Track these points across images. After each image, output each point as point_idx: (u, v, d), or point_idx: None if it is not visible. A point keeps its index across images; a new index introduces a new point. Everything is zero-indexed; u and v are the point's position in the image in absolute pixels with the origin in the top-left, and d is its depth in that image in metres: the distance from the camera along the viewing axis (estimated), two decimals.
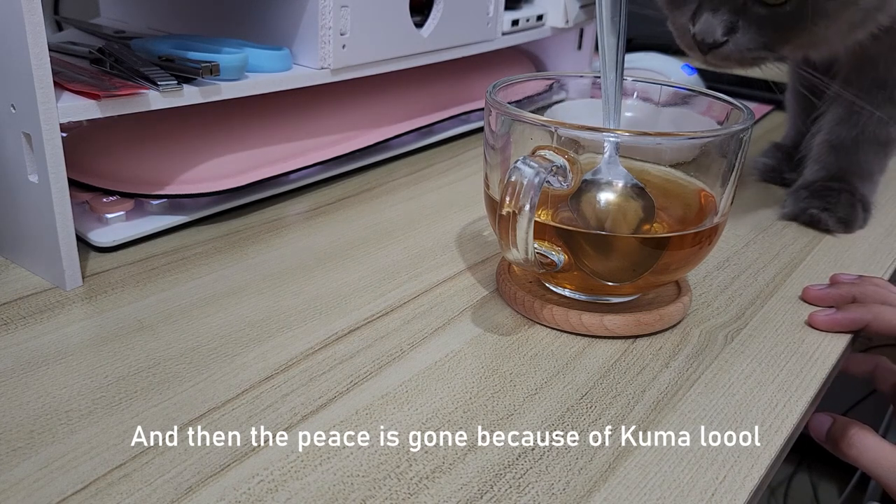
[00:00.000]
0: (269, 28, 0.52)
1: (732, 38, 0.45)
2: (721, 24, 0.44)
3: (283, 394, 0.33)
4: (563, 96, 0.47)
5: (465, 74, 0.68)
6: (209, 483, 0.28)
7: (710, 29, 0.45)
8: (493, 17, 0.64)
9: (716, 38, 0.45)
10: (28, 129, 0.38)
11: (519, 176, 0.33)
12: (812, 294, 0.44)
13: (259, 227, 0.49)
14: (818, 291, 0.43)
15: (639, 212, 0.40)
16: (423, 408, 0.33)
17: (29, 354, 0.35)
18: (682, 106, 0.44)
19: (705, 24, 0.45)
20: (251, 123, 0.52)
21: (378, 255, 0.46)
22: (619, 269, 0.39)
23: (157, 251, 0.45)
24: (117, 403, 0.32)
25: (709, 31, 0.45)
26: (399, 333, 0.38)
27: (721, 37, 0.45)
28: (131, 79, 0.43)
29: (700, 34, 0.45)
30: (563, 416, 0.33)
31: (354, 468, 0.30)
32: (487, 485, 0.29)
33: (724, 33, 0.45)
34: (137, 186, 0.47)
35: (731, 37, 0.45)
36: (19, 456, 0.29)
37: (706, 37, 0.45)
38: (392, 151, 0.61)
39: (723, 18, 0.44)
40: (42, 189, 0.39)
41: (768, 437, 0.33)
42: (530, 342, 0.38)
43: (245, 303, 0.40)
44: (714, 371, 0.37)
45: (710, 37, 0.45)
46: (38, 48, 0.36)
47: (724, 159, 0.38)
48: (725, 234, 0.51)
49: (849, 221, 0.53)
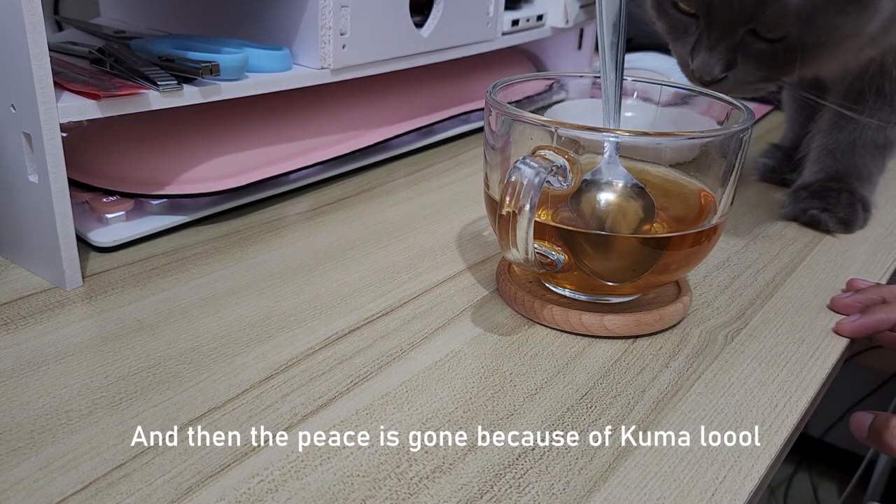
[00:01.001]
0: (269, 28, 0.52)
1: (731, 73, 0.44)
2: (719, 63, 0.44)
3: (283, 394, 0.33)
4: (563, 96, 0.47)
5: (465, 74, 0.68)
6: (209, 483, 0.28)
7: (707, 67, 0.44)
8: (493, 17, 0.64)
9: (714, 75, 0.44)
10: (28, 129, 0.38)
11: (519, 176, 0.33)
12: (841, 303, 0.43)
13: (259, 227, 0.49)
14: (847, 300, 0.43)
15: (639, 212, 0.40)
16: (423, 408, 0.33)
17: (29, 354, 0.35)
18: (682, 106, 0.44)
19: (703, 63, 0.44)
20: (251, 123, 0.52)
21: (378, 255, 0.46)
22: (619, 269, 0.39)
23: (157, 251, 0.45)
24: (117, 403, 0.32)
25: (707, 69, 0.44)
26: (399, 333, 0.38)
27: (719, 74, 0.44)
28: (131, 79, 0.43)
29: (698, 72, 0.45)
30: (563, 416, 0.33)
31: (354, 468, 0.30)
32: (487, 485, 0.29)
33: (722, 70, 0.44)
34: (137, 186, 0.47)
35: (729, 73, 0.44)
36: (19, 456, 0.29)
37: (704, 74, 0.45)
38: (392, 151, 0.61)
39: (720, 57, 0.44)
40: (42, 189, 0.39)
41: (768, 437, 0.33)
42: (530, 342, 0.38)
43: (245, 303, 0.40)
44: (714, 371, 0.37)
45: (707, 75, 0.44)
46: (38, 48, 0.36)
47: (724, 159, 0.38)
48: (725, 234, 0.51)
49: (849, 222, 0.53)
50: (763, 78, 0.45)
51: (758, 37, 0.43)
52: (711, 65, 0.44)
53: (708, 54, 0.44)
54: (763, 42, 0.43)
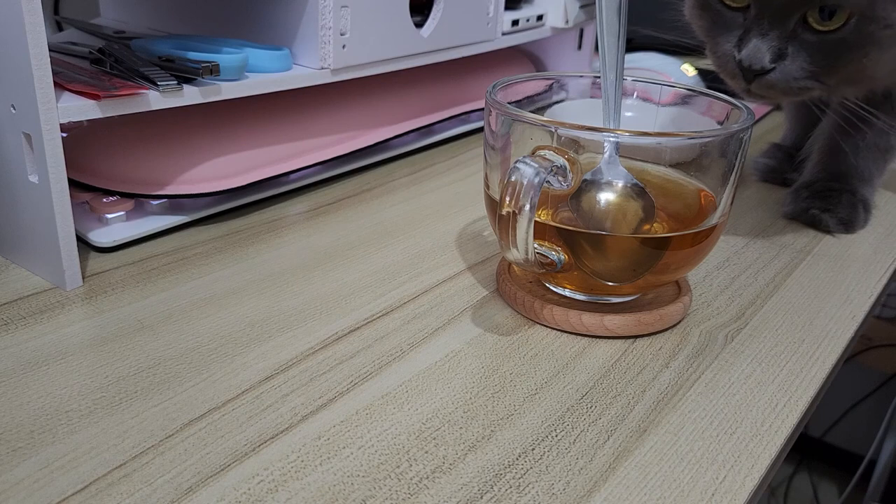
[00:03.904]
0: (269, 28, 0.52)
1: (780, 65, 0.43)
2: (770, 50, 0.43)
3: (284, 394, 0.33)
4: (563, 96, 0.47)
5: (465, 74, 0.68)
6: (209, 483, 0.28)
7: (758, 55, 0.43)
8: (493, 17, 0.64)
9: (763, 64, 0.43)
10: (28, 129, 0.38)
11: (519, 176, 0.33)
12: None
13: (259, 227, 0.49)
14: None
15: (639, 212, 0.40)
16: (423, 408, 0.33)
17: (29, 354, 0.35)
18: (682, 106, 0.44)
19: (753, 50, 0.43)
20: (251, 123, 0.52)
21: (378, 255, 0.46)
22: (619, 269, 0.39)
23: (157, 251, 0.45)
24: (117, 403, 0.32)
25: (757, 56, 0.43)
26: (399, 333, 0.38)
27: (769, 63, 0.43)
28: (131, 79, 0.43)
29: (747, 60, 0.43)
30: (563, 416, 0.33)
31: (354, 468, 0.30)
32: (487, 485, 0.29)
33: (772, 59, 0.43)
34: (137, 186, 0.47)
35: (778, 63, 0.43)
36: (19, 456, 0.29)
37: (753, 62, 0.43)
38: (392, 151, 0.61)
39: (771, 44, 0.43)
40: (42, 189, 0.39)
41: (768, 437, 0.33)
42: (530, 342, 0.38)
43: (245, 303, 0.40)
44: (714, 371, 0.37)
45: (757, 63, 0.43)
46: (38, 48, 0.36)
47: (724, 159, 0.38)
48: (725, 234, 0.51)
49: (850, 222, 0.53)
50: (811, 74, 0.43)
51: (810, 29, 0.42)
52: (762, 52, 0.43)
53: (759, 40, 0.43)
54: (815, 34, 0.42)
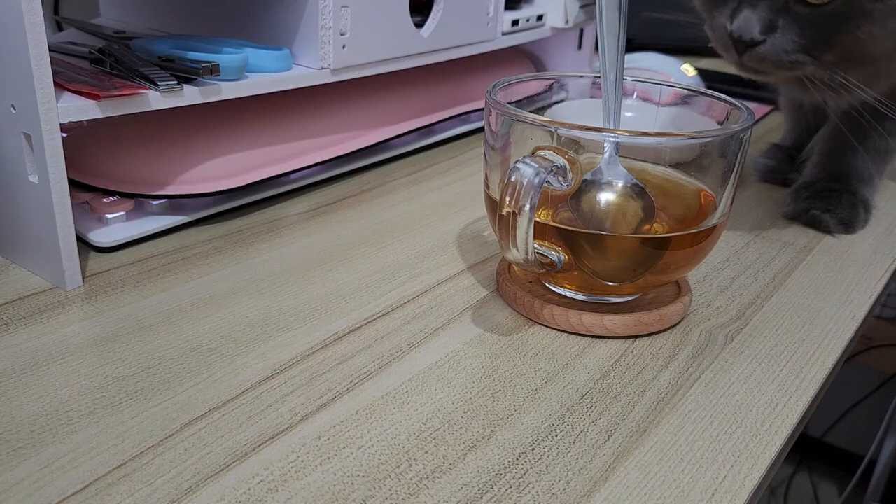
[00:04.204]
0: (269, 28, 0.52)
1: (771, 37, 0.43)
2: (760, 21, 0.43)
3: (284, 394, 0.33)
4: (563, 96, 0.47)
5: (465, 74, 0.68)
6: (209, 483, 0.28)
7: (748, 25, 0.43)
8: (493, 17, 0.64)
9: (753, 35, 0.43)
10: (28, 129, 0.38)
11: (519, 176, 0.33)
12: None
13: (259, 227, 0.49)
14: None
15: (639, 212, 0.40)
16: (423, 408, 0.33)
17: (29, 354, 0.35)
18: (682, 106, 0.44)
19: (744, 21, 0.43)
20: (251, 123, 0.52)
21: (378, 255, 0.46)
22: (619, 269, 0.39)
23: (157, 251, 0.45)
24: (117, 403, 0.32)
25: (747, 27, 0.43)
26: (399, 333, 0.38)
27: (759, 35, 0.43)
28: (131, 79, 0.43)
29: (738, 31, 0.44)
30: (563, 416, 0.33)
31: (354, 468, 0.30)
32: (487, 485, 0.29)
33: (762, 31, 0.43)
34: (137, 186, 0.47)
35: (769, 36, 0.43)
36: (19, 456, 0.29)
37: (744, 33, 0.44)
38: (392, 151, 0.61)
39: (762, 15, 0.43)
40: (42, 189, 0.39)
41: (768, 437, 0.33)
42: (530, 342, 0.38)
43: (245, 303, 0.40)
44: (714, 371, 0.37)
45: (747, 33, 0.43)
46: (38, 48, 0.36)
47: (724, 159, 0.38)
48: (725, 234, 0.51)
49: (850, 223, 0.53)
50: (802, 48, 0.43)
51: (801, 1, 0.43)
52: (752, 23, 0.43)
53: (750, 11, 0.43)
54: (806, 7, 0.43)
